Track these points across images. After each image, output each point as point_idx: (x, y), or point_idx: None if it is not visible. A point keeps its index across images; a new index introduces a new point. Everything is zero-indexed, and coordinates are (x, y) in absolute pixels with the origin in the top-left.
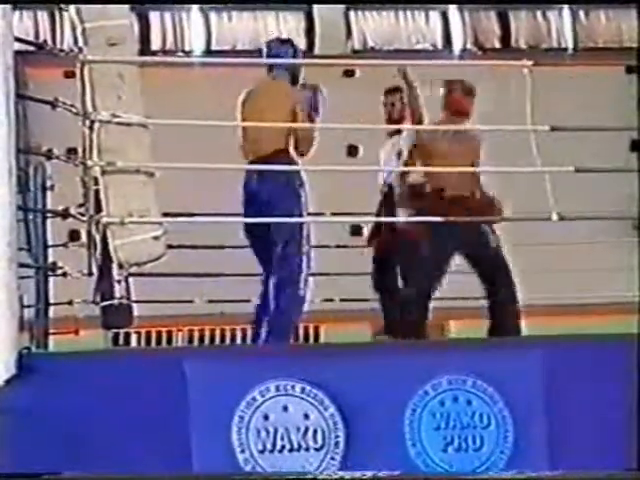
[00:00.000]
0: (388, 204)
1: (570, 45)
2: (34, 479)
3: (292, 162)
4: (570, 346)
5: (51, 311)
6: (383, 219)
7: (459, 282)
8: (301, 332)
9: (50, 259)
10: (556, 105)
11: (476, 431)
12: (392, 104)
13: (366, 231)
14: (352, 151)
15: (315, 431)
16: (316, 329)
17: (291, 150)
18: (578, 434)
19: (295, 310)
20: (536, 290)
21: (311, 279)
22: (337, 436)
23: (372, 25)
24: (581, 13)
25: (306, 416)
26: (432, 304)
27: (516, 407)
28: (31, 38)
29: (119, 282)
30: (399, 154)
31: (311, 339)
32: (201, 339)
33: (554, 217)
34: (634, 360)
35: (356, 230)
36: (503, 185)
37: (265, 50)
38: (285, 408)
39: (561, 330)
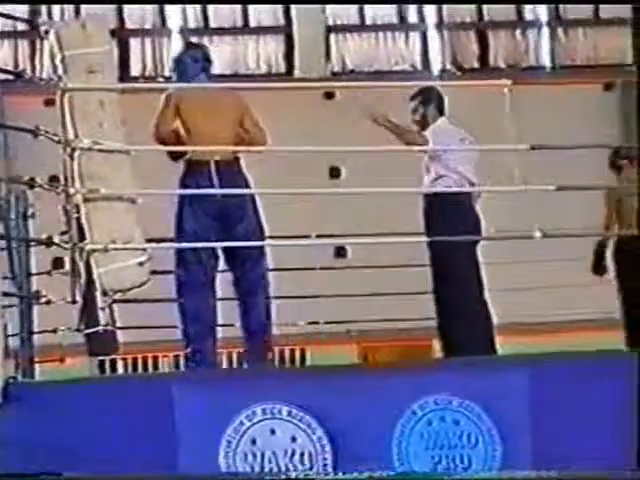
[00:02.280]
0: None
1: (548, 63)
2: (34, 479)
3: (242, 171)
4: (555, 364)
5: (36, 339)
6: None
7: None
8: (287, 355)
9: (34, 287)
10: (535, 123)
11: (464, 450)
12: (415, 109)
13: (350, 253)
14: (334, 172)
15: (302, 454)
16: (302, 352)
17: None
18: (565, 452)
19: (267, 328)
20: (511, 308)
21: (295, 301)
22: (325, 458)
23: (352, 47)
24: (559, 31)
25: (293, 439)
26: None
27: (503, 426)
28: (10, 67)
29: (103, 309)
30: (427, 168)
31: (297, 362)
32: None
33: (536, 235)
34: (620, 376)
35: (339, 252)
36: (486, 203)
37: (177, 58)
38: (272, 431)
39: (540, 348)
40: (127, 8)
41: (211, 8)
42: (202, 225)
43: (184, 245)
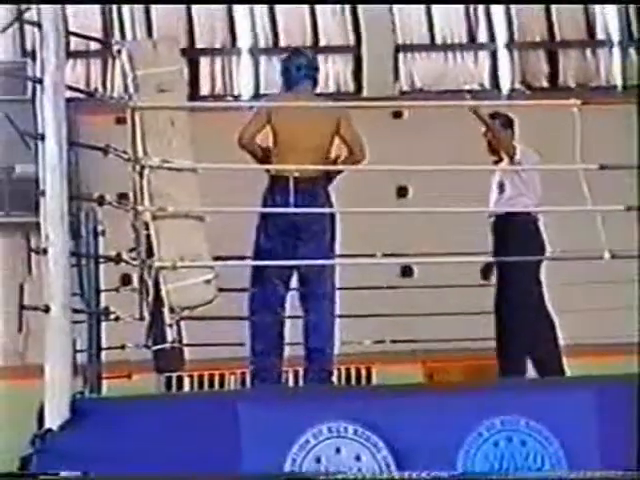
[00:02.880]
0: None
1: (619, 83)
2: (33, 479)
3: (328, 190)
4: (621, 385)
5: (104, 355)
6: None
7: None
8: (353, 373)
9: (103, 304)
10: (605, 143)
11: (529, 473)
12: (485, 133)
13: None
14: (402, 192)
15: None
16: (368, 370)
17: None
18: (632, 473)
19: (332, 347)
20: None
21: (362, 320)
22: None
23: (420, 66)
24: (631, 51)
25: (358, 458)
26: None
27: (570, 447)
28: (83, 86)
29: (171, 326)
30: (501, 186)
31: (363, 380)
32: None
33: (606, 256)
34: None
35: (406, 271)
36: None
37: (282, 65)
38: (338, 450)
39: (605, 369)
40: (197, 28)
41: (281, 27)
42: (275, 242)
43: (250, 263)
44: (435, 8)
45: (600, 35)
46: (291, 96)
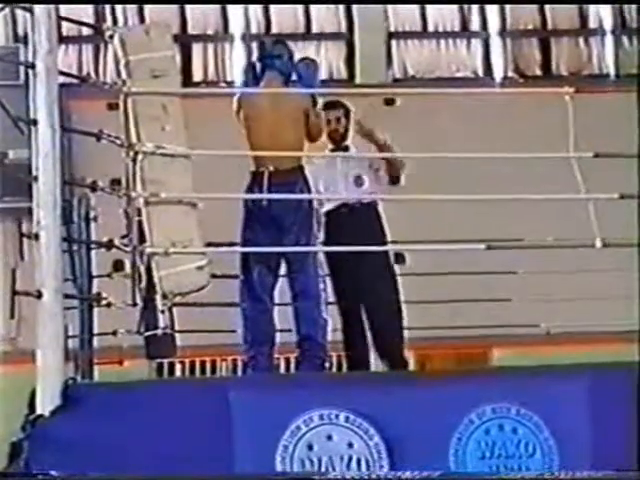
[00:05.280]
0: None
1: (612, 71)
2: (33, 479)
3: (307, 179)
4: (614, 374)
5: (96, 341)
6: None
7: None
8: (344, 360)
9: (94, 290)
10: (598, 131)
11: (521, 459)
12: (337, 119)
13: (409, 259)
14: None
15: (359, 460)
16: None
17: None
18: (623, 462)
19: (322, 334)
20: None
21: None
22: (381, 465)
23: (413, 53)
24: (624, 39)
25: (350, 445)
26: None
27: (561, 435)
28: (75, 71)
29: (163, 312)
30: (358, 178)
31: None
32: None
33: (598, 244)
34: None
35: (398, 259)
36: (545, 211)
37: (258, 50)
38: (329, 437)
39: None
40: (190, 14)
41: (273, 14)
42: (256, 233)
43: (238, 249)
44: None
45: (593, 23)
46: (257, 89)
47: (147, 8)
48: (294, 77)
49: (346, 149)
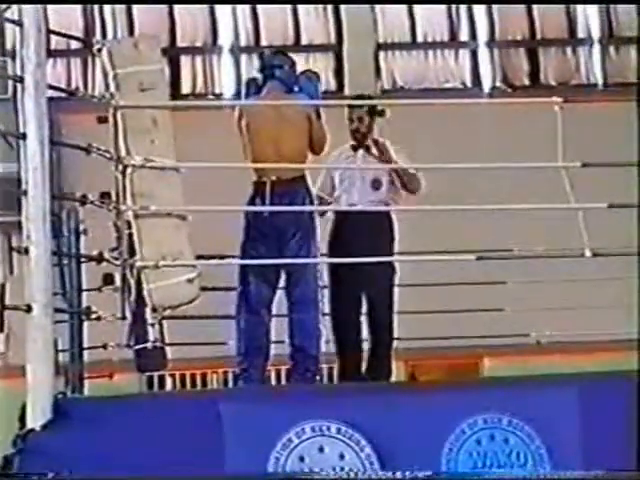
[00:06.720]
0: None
1: (600, 81)
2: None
3: (309, 189)
4: (605, 383)
5: (86, 355)
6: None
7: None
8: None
9: (84, 303)
10: (587, 141)
11: (513, 470)
12: (360, 118)
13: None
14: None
15: (351, 472)
16: None
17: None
18: (615, 472)
19: (316, 345)
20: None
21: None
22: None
23: (401, 64)
24: (611, 49)
25: (342, 457)
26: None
27: (552, 445)
28: (63, 85)
29: (153, 325)
30: (375, 182)
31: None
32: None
33: (587, 254)
34: None
35: None
36: (536, 221)
37: (259, 61)
38: (321, 449)
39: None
40: (179, 25)
41: (262, 25)
42: (256, 246)
43: (232, 262)
44: (416, 6)
45: (581, 33)
46: (259, 100)
47: (137, 20)
48: (296, 89)
49: (367, 149)
